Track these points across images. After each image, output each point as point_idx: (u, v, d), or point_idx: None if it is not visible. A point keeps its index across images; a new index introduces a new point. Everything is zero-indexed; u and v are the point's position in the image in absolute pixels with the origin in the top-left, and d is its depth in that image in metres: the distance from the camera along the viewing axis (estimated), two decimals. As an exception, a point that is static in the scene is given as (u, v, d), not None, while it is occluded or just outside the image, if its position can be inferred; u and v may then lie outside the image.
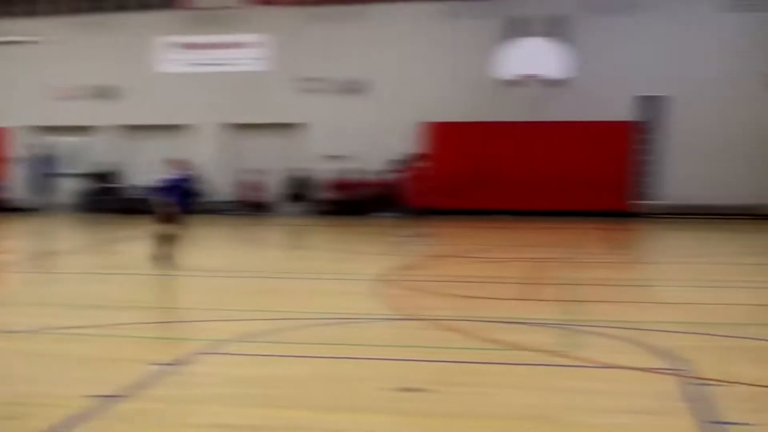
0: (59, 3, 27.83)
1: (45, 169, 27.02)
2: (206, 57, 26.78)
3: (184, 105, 26.79)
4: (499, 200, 25.14)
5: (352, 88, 26.20)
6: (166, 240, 15.25)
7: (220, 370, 7.87)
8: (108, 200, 26.58)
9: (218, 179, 26.61)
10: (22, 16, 28.16)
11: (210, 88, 26.65)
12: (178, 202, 15.24)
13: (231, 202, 26.21)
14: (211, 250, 19.08)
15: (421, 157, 21.34)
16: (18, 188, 28.03)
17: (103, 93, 27.22)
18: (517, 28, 24.52)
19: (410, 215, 19.90)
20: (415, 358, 8.19)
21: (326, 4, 26.17)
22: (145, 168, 27.47)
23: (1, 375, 7.80)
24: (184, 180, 15.42)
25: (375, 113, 26.01)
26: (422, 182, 19.68)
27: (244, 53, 26.58)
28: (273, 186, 26.33)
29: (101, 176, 26.94)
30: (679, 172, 24.47)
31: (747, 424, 6.11)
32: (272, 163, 26.58)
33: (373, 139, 25.76)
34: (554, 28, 24.55)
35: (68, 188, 27.51)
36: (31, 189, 27.68)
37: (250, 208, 25.95)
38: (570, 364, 7.93)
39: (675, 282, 13.77)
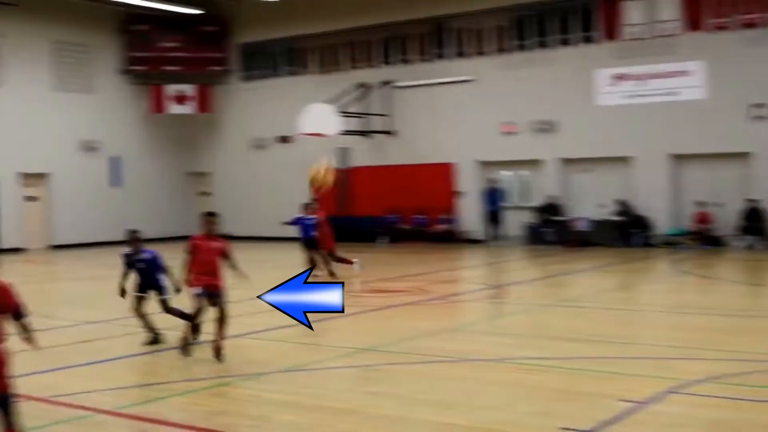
0: (492, 43, 29.01)
1: (492, 202, 28.20)
2: (644, 87, 26.45)
3: (624, 136, 26.64)
4: None
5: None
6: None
7: (690, 412, 7.66)
8: (554, 232, 27.08)
9: (663, 212, 26.05)
10: (457, 58, 29.74)
11: (650, 118, 26.25)
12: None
13: (679, 235, 25.47)
14: (660, 285, 18.72)
15: None
16: (468, 221, 29.52)
17: (545, 126, 27.88)
18: None
19: None
20: None
21: (759, 27, 24.67)
22: (586, 201, 27.76)
23: (462, 401, 8.22)
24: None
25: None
26: None
27: (682, 81, 25.88)
28: (723, 218, 25.20)
29: (546, 209, 27.54)
30: None
31: None
32: (720, 194, 25.50)
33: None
34: None
35: (515, 220, 28.44)
36: (481, 222, 29.01)
37: (700, 241, 25.01)
38: None
39: None
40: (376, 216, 31.10)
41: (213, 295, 10.33)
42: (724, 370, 9.08)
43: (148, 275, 11.49)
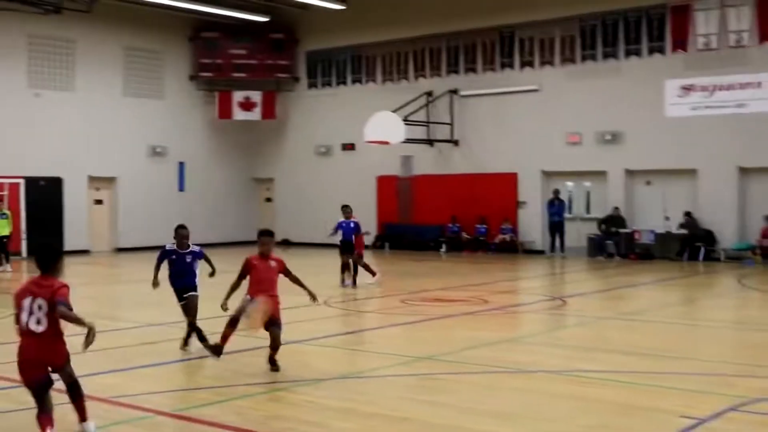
0: (558, 52, 28.81)
1: (555, 213, 27.97)
2: (713, 99, 26.03)
3: (691, 148, 26.25)
4: None
5: None
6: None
7: (750, 430, 7.53)
8: (616, 244, 26.79)
9: (729, 225, 25.64)
10: (523, 67, 29.60)
11: (718, 130, 25.82)
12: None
13: (745, 249, 25.02)
14: (723, 300, 18.41)
15: None
16: (529, 231, 29.36)
17: (610, 137, 27.59)
18: None
19: None
20: None
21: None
22: (651, 213, 27.40)
23: (520, 413, 8.17)
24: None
25: None
26: None
27: (752, 93, 25.41)
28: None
29: (609, 220, 27.25)
30: None
31: None
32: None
33: None
34: None
35: (578, 232, 28.21)
36: (543, 232, 28.82)
37: (764, 256, 24.55)
38: None
39: None
40: (437, 224, 31.08)
41: (270, 321, 10.07)
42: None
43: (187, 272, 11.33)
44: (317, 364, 10.66)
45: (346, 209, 20.34)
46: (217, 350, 10.42)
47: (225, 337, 10.37)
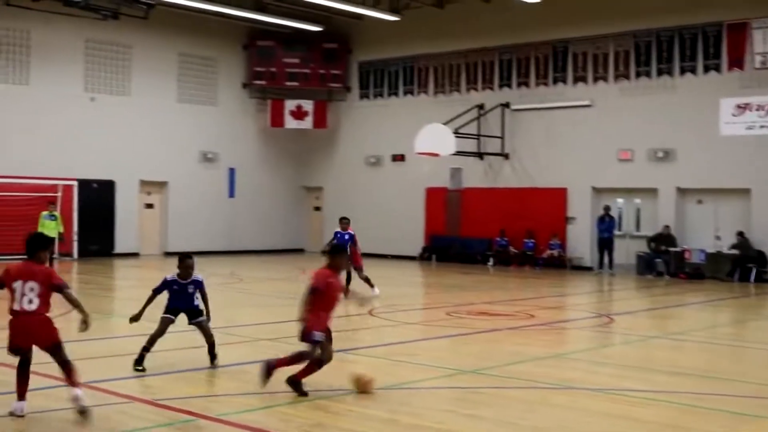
0: (611, 68, 28.59)
1: (605, 229, 27.72)
2: (766, 119, 25.66)
3: (744, 168, 25.90)
4: None
5: None
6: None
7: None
8: (665, 263, 26.50)
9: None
10: (575, 82, 29.43)
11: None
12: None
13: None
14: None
15: None
16: (578, 247, 29.17)
17: (662, 154, 27.33)
18: None
19: None
20: None
21: None
22: (702, 232, 27.07)
23: (562, 429, 8.10)
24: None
25: None
26: None
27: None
28: None
29: (659, 238, 26.96)
30: None
31: None
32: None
33: None
34: None
35: (627, 249, 27.96)
36: (592, 249, 28.60)
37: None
38: None
39: None
40: (485, 238, 30.98)
41: (328, 338, 9.53)
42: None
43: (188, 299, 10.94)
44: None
45: (343, 220, 20.41)
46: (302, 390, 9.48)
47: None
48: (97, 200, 30.17)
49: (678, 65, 27.42)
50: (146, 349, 10.50)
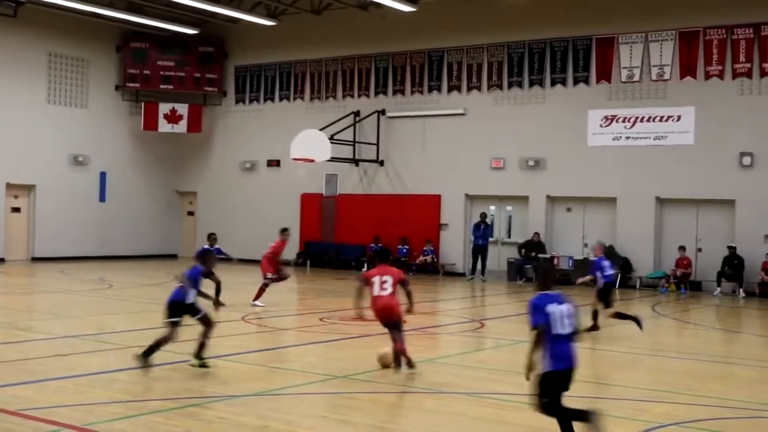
0: (485, 78, 29.15)
1: (480, 236, 28.22)
2: (632, 130, 26.62)
3: (611, 177, 26.77)
4: None
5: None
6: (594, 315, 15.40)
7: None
8: (535, 269, 27.11)
9: (644, 254, 26.20)
10: (450, 91, 29.89)
11: (638, 160, 26.41)
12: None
13: (659, 278, 25.60)
14: (635, 327, 18.70)
15: None
16: (450, 254, 29.60)
17: (533, 163, 28.01)
18: None
19: None
20: None
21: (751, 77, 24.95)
22: (568, 239, 27.88)
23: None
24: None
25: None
26: None
27: (671, 126, 26.08)
28: (703, 264, 25.42)
29: (529, 245, 27.60)
30: None
31: None
32: (701, 239, 25.73)
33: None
34: None
35: (499, 255, 28.53)
36: (465, 255, 29.08)
37: (678, 285, 25.17)
38: None
39: None
40: (359, 244, 31.13)
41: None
42: (694, 415, 9.11)
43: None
44: (233, 381, 10.58)
45: (211, 236, 20.07)
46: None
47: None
48: (-41, 203, 29.04)
49: (549, 77, 28.15)
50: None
